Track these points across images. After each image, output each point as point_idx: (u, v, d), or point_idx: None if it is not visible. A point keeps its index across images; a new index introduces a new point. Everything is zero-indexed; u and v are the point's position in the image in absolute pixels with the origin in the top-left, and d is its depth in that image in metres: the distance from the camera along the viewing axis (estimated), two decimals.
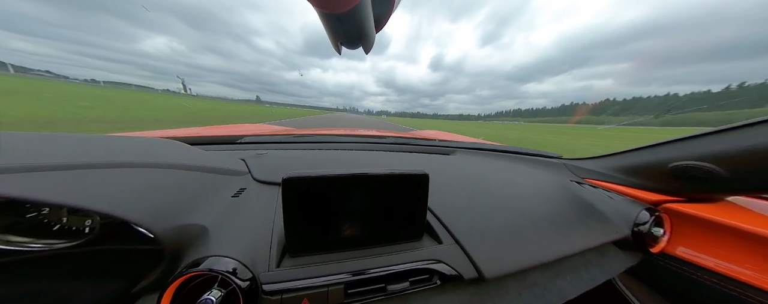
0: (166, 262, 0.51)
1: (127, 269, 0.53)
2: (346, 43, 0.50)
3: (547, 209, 0.94)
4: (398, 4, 0.47)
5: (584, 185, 1.18)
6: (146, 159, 0.67)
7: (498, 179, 1.17)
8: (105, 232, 0.54)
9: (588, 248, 0.80)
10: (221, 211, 0.67)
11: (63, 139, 0.65)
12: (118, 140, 0.78)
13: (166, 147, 0.86)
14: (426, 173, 0.63)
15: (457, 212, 0.81)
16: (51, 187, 0.47)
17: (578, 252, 0.77)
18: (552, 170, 1.41)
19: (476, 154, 1.62)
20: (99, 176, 0.54)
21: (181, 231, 0.54)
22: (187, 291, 0.46)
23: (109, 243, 0.54)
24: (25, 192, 0.43)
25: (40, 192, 0.44)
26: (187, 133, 1.48)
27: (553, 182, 1.21)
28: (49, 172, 0.50)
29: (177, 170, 0.71)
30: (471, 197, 0.94)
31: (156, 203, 0.56)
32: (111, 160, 0.60)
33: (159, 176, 0.64)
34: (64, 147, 0.61)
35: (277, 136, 1.60)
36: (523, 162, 1.52)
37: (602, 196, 1.06)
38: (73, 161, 0.54)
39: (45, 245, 0.51)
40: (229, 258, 0.50)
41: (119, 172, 0.58)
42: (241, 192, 0.80)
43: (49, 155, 0.54)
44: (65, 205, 0.45)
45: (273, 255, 0.57)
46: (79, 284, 0.51)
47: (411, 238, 0.68)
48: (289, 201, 0.55)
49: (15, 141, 0.57)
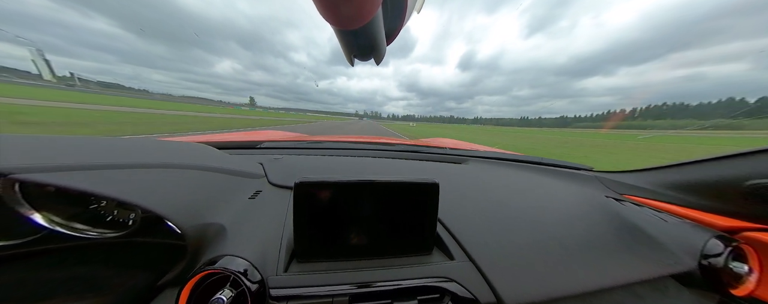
0: (188, 257, 0.54)
1: (156, 262, 0.59)
2: (358, 56, 0.54)
3: (579, 228, 0.81)
4: (408, 18, 0.49)
5: (625, 203, 1.01)
6: (181, 161, 0.73)
7: (517, 192, 1.07)
8: (143, 225, 0.61)
9: (637, 280, 0.67)
10: (238, 211, 0.70)
11: (116, 142, 0.73)
12: (160, 143, 0.88)
13: (198, 150, 0.92)
14: (436, 182, 0.61)
15: (470, 226, 0.75)
16: (110, 183, 0.52)
17: (624, 285, 0.65)
18: (582, 183, 1.26)
19: (491, 163, 1.51)
20: (143, 174, 0.60)
21: (203, 229, 0.58)
22: (203, 288, 0.48)
23: (145, 236, 0.62)
24: (93, 187, 0.48)
25: (104, 187, 0.49)
26: (216, 138, 1.64)
27: (584, 198, 1.07)
28: (107, 170, 0.55)
29: (205, 171, 0.76)
30: (486, 211, 0.86)
31: (185, 200, 0.60)
32: (153, 161, 0.66)
33: (189, 176, 0.70)
34: (116, 149, 0.68)
35: (292, 142, 1.68)
36: (545, 173, 1.38)
37: (650, 217, 0.88)
38: (124, 160, 0.61)
39: (98, 234, 0.60)
40: (241, 259, 0.51)
41: (158, 171, 0.65)
42: (257, 194, 0.83)
43: (106, 155, 0.61)
44: (120, 199, 0.50)
45: (281, 259, 0.57)
46: (117, 272, 0.57)
47: (420, 251, 0.65)
48: (300, 205, 0.56)
49: (80, 143, 0.66)
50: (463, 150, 1.70)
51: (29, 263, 0.56)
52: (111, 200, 0.57)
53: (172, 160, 0.71)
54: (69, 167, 0.51)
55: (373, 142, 1.76)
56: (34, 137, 0.62)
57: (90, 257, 0.59)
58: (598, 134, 72.45)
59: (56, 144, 0.60)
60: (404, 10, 0.46)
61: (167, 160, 0.70)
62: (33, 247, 0.57)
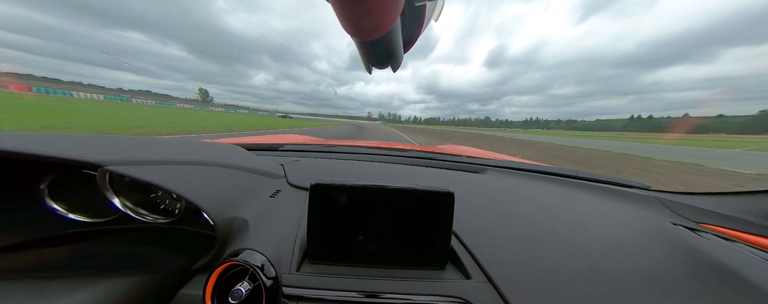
0: (217, 247, 0.59)
1: (192, 249, 0.66)
2: (376, 64, 0.56)
3: (635, 261, 0.64)
4: (427, 26, 0.50)
5: (703, 234, 0.79)
6: (217, 159, 0.80)
7: (546, 208, 0.93)
8: (185, 215, 0.73)
9: None
10: (260, 208, 0.75)
11: (170, 142, 0.82)
12: (202, 144, 0.98)
13: (230, 151, 0.99)
14: (451, 192, 0.58)
15: (489, 243, 0.68)
16: (168, 176, 0.59)
17: None
18: (637, 205, 1.03)
19: (513, 174, 1.37)
20: (190, 170, 0.67)
21: (230, 222, 0.63)
22: (227, 277, 0.52)
23: (185, 224, 0.73)
24: (157, 179, 0.55)
25: (164, 180, 0.56)
26: (244, 140, 1.76)
27: (641, 223, 0.86)
28: (166, 165, 0.63)
29: (236, 169, 0.83)
30: (508, 226, 0.77)
31: (219, 195, 0.66)
32: (197, 158, 0.74)
33: (223, 174, 0.76)
34: (170, 147, 0.76)
35: (311, 145, 1.76)
36: (584, 190, 1.17)
37: (751, 258, 0.67)
38: (177, 158, 0.68)
39: (153, 219, 0.73)
40: (260, 254, 0.54)
41: (201, 168, 0.71)
42: (277, 193, 0.88)
43: (164, 152, 0.69)
44: (174, 191, 0.56)
45: (295, 258, 0.59)
46: (164, 254, 0.64)
47: (433, 264, 0.61)
48: (314, 206, 0.58)
49: (145, 142, 0.74)
50: (481, 158, 1.59)
51: (105, 239, 0.68)
52: (165, 191, 0.64)
53: (210, 158, 0.78)
54: (140, 162, 0.58)
55: (388, 148, 1.77)
56: (115, 137, 0.72)
57: (145, 239, 0.69)
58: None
59: (130, 143, 0.70)
60: (422, 19, 0.47)
61: (207, 158, 0.78)
62: (110, 226, 0.72)
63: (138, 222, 0.72)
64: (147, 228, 0.73)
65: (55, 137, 0.59)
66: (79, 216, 0.69)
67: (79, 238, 0.67)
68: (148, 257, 0.62)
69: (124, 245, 0.66)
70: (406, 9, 0.43)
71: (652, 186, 1.17)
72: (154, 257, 0.62)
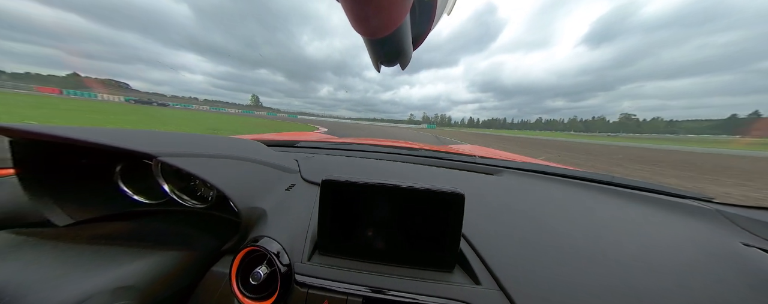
0: (240, 233, 0.67)
1: (222, 233, 0.74)
2: (385, 62, 0.56)
3: (689, 285, 0.54)
4: (437, 22, 0.49)
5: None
6: (243, 154, 0.88)
7: (569, 215, 0.84)
8: (216, 202, 0.82)
9: None
10: (277, 200, 0.81)
11: (205, 138, 0.92)
12: (230, 139, 1.08)
13: (254, 146, 1.07)
14: (461, 193, 0.56)
15: (501, 248, 0.64)
16: (204, 168, 0.67)
17: None
18: (694, 219, 0.87)
19: (531, 177, 1.26)
20: (222, 163, 0.76)
21: (252, 211, 0.70)
22: (248, 260, 0.57)
23: (216, 210, 0.83)
24: (196, 169, 0.63)
25: (201, 170, 0.64)
26: (265, 137, 1.87)
27: (698, 240, 0.74)
28: (203, 158, 0.71)
29: (258, 164, 0.91)
30: (523, 233, 0.72)
31: (243, 186, 0.74)
32: (226, 153, 0.83)
33: (247, 167, 0.85)
34: (206, 142, 0.86)
35: (325, 142, 1.83)
36: (619, 198, 1.03)
37: None
38: (211, 152, 0.77)
39: (192, 204, 0.83)
40: (276, 242, 0.59)
41: (230, 161, 0.79)
42: (292, 187, 0.94)
43: (201, 147, 0.77)
44: (208, 180, 0.63)
45: (306, 248, 0.62)
46: (199, 235, 0.73)
47: (440, 266, 0.59)
48: (325, 201, 0.60)
49: (186, 138, 0.84)
50: (495, 160, 1.51)
51: (158, 218, 0.79)
52: (202, 180, 0.73)
53: (237, 152, 0.87)
54: (184, 154, 0.66)
55: (400, 147, 1.76)
56: (164, 133, 0.82)
57: (187, 221, 0.79)
58: None
59: (175, 138, 0.78)
60: (433, 14, 0.45)
61: (234, 152, 0.86)
62: (161, 207, 0.84)
63: (181, 206, 0.83)
64: (188, 212, 0.84)
65: (122, 132, 0.69)
66: (141, 198, 0.82)
67: (139, 216, 0.79)
68: (189, 237, 0.72)
69: (172, 224, 0.77)
70: (415, 5, 0.42)
71: (715, 198, 0.99)
72: (194, 237, 0.72)
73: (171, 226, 0.77)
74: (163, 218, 0.80)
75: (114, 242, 0.63)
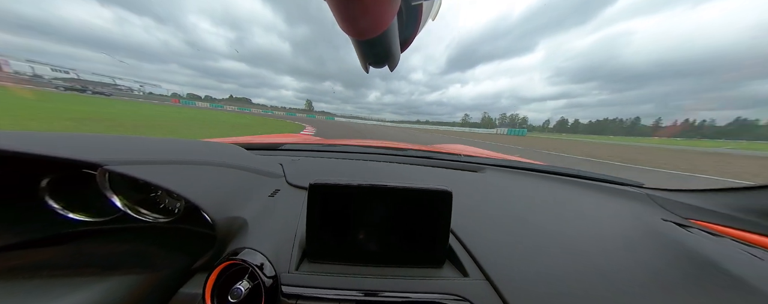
0: (216, 246, 0.59)
1: (191, 248, 0.66)
2: (373, 64, 0.56)
3: (628, 257, 0.66)
4: (424, 26, 0.50)
5: (692, 230, 0.82)
6: (218, 159, 0.80)
7: (542, 206, 0.95)
8: (185, 214, 0.73)
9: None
10: (259, 208, 0.75)
11: (172, 142, 0.83)
12: (203, 144, 0.97)
13: (230, 150, 0.99)
14: (449, 191, 0.58)
15: (487, 241, 0.69)
16: (166, 176, 0.59)
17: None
18: (629, 202, 1.06)
19: (510, 173, 1.40)
20: (189, 169, 0.68)
21: (230, 221, 0.63)
22: (226, 276, 0.52)
23: (185, 223, 0.73)
24: (155, 179, 0.55)
25: (162, 179, 0.56)
26: (245, 140, 1.74)
27: (634, 220, 0.88)
28: (165, 165, 0.63)
29: (235, 169, 0.83)
30: (505, 225, 0.78)
31: (218, 194, 0.66)
32: (197, 158, 0.75)
33: (223, 174, 0.77)
34: (172, 147, 0.77)
35: (310, 144, 1.75)
36: (579, 188, 1.20)
37: (735, 251, 0.70)
38: (177, 158, 0.69)
39: (153, 218, 0.72)
40: (259, 253, 0.54)
41: (201, 168, 0.72)
42: (276, 193, 0.88)
43: (165, 153, 0.69)
44: (172, 190, 0.56)
45: (294, 257, 0.59)
46: (165, 253, 0.64)
47: (431, 263, 0.61)
48: (313, 206, 0.58)
49: (147, 142, 0.75)
50: (478, 157, 1.60)
51: (106, 238, 0.68)
52: (165, 190, 0.65)
53: (210, 158, 0.79)
54: (139, 162, 0.58)
55: (387, 147, 1.77)
56: (117, 137, 0.72)
57: (145, 238, 0.70)
58: None
59: (132, 142, 0.70)
60: (419, 18, 0.47)
61: (207, 158, 0.78)
62: (110, 225, 0.72)
63: (139, 221, 0.72)
64: (148, 227, 0.74)
65: (55, 137, 0.59)
66: (80, 215, 0.70)
67: (80, 237, 0.67)
68: (149, 256, 0.62)
69: (125, 244, 0.66)
70: (402, 8, 0.43)
71: (645, 184, 1.22)
72: (155, 256, 0.63)
73: (126, 245, 0.66)
74: (116, 237, 0.70)
75: (51, 271, 0.53)
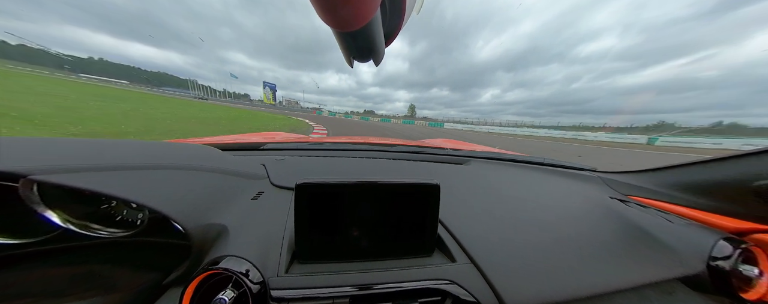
0: (192, 257, 0.55)
1: (162, 261, 0.60)
2: (357, 58, 0.54)
3: (584, 230, 0.80)
4: (408, 20, 0.50)
5: (630, 204, 1.01)
6: (186, 162, 0.74)
7: (518, 193, 1.07)
8: (150, 225, 0.64)
9: (644, 283, 0.64)
10: (241, 212, 0.70)
11: (126, 144, 0.74)
12: (166, 146, 0.88)
13: (202, 152, 0.92)
14: (437, 184, 0.61)
15: (472, 228, 0.74)
16: (120, 183, 0.53)
17: (631, 288, 0.63)
18: (585, 184, 1.26)
19: (492, 164, 1.51)
20: (150, 175, 0.62)
21: (206, 229, 0.59)
22: (206, 288, 0.48)
23: (151, 235, 0.65)
24: (104, 187, 0.49)
25: (114, 188, 0.51)
26: (220, 140, 1.63)
27: (588, 199, 1.06)
28: (117, 171, 0.57)
29: (209, 172, 0.77)
30: (488, 212, 0.85)
31: (189, 201, 0.61)
32: (159, 162, 0.68)
33: (194, 178, 0.71)
34: (126, 150, 0.69)
35: (295, 143, 1.67)
36: (547, 174, 1.38)
37: (656, 218, 0.87)
38: (133, 162, 0.62)
39: (108, 233, 0.63)
40: (243, 259, 0.51)
41: (165, 172, 0.65)
42: (260, 195, 0.83)
43: (117, 157, 0.62)
44: (129, 199, 0.51)
45: (283, 260, 0.57)
46: (126, 271, 0.58)
47: (421, 252, 0.64)
48: (301, 206, 0.56)
49: (92, 145, 0.66)
50: (463, 151, 1.68)
51: (43, 262, 0.58)
52: (120, 201, 0.58)
53: (177, 161, 0.73)
54: (82, 168, 0.52)
55: (374, 143, 1.76)
56: (49, 140, 0.63)
57: (100, 256, 0.60)
58: None
59: (70, 146, 0.62)
60: (402, 11, 0.46)
61: (173, 161, 0.72)
62: (48, 245, 0.59)
63: (90, 238, 0.61)
64: (105, 244, 0.63)
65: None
66: (3, 238, 0.57)
67: (7, 263, 0.56)
68: (107, 277, 0.56)
69: (72, 266, 0.58)
70: (385, 1, 0.43)
71: (598, 168, 1.45)
72: (115, 276, 0.56)
73: (75, 267, 0.58)
74: (60, 259, 0.60)
75: None
